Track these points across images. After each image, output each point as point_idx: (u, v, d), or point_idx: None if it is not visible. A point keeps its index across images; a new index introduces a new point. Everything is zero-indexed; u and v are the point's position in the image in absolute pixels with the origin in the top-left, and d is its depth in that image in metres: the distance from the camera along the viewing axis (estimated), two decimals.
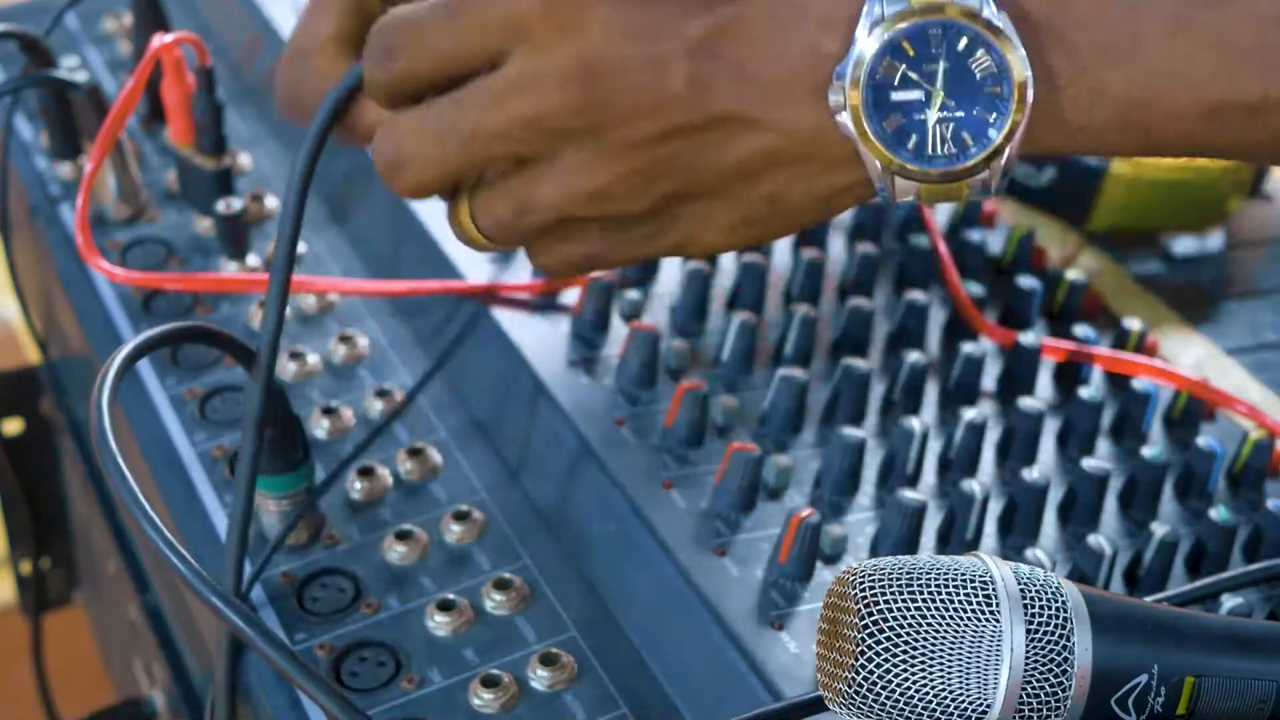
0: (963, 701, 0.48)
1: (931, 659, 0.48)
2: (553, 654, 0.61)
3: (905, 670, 0.48)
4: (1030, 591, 0.49)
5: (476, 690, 0.60)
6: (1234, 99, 0.50)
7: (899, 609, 0.48)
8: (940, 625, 0.48)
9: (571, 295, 0.76)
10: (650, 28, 0.51)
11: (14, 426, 1.13)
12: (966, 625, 0.48)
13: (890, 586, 0.49)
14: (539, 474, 0.69)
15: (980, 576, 0.49)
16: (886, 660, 0.48)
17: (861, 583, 0.49)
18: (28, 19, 0.93)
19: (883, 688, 0.48)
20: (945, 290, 0.80)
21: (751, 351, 0.73)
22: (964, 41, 0.50)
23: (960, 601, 0.48)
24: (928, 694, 0.48)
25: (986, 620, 0.48)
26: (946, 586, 0.49)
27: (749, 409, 0.71)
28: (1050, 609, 0.49)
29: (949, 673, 0.48)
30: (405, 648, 0.62)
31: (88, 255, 0.74)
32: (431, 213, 0.79)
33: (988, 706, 0.48)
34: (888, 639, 0.48)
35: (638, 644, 0.63)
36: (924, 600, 0.48)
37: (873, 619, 0.48)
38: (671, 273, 0.79)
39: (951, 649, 0.48)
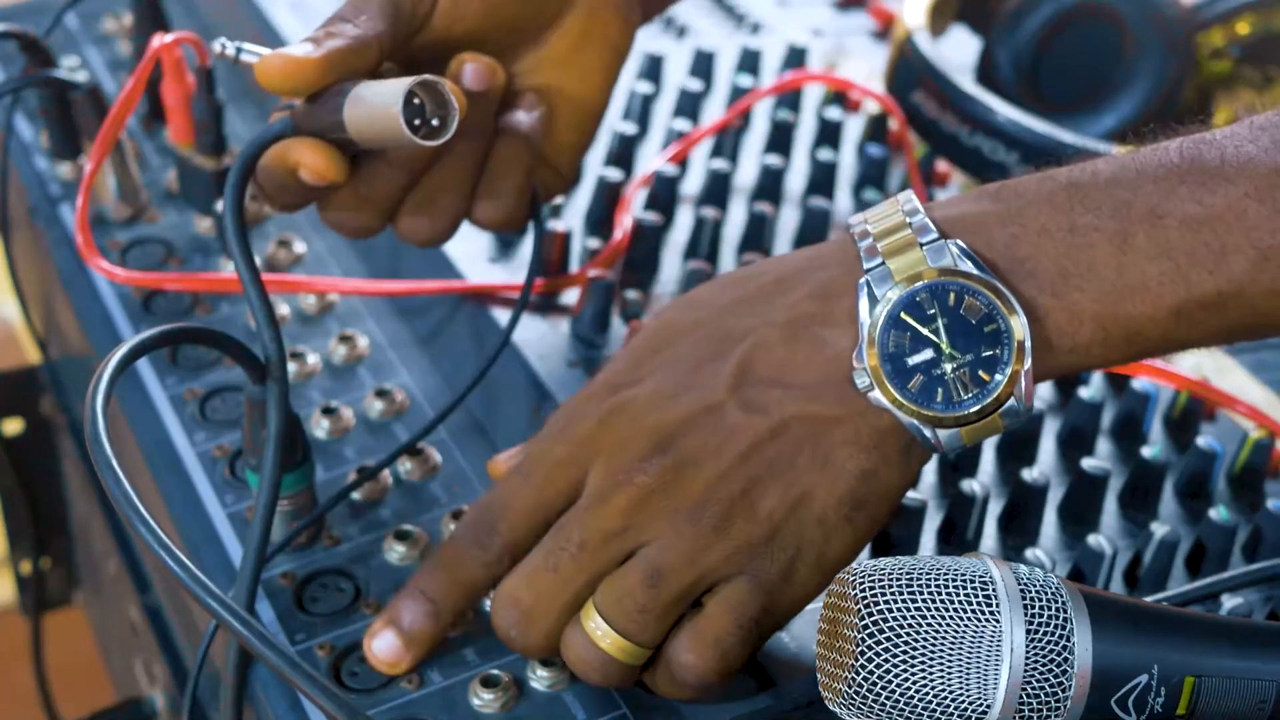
0: (962, 702, 0.48)
1: (931, 660, 0.48)
2: None
3: (905, 671, 0.48)
4: (1030, 592, 0.49)
5: (476, 690, 0.60)
6: (1192, 299, 0.54)
7: (899, 610, 0.48)
8: (940, 626, 0.48)
9: (571, 295, 0.76)
10: (689, 386, 0.58)
11: (14, 426, 1.13)
12: (966, 626, 0.48)
13: (890, 587, 0.49)
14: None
15: (980, 577, 0.49)
16: (886, 661, 0.48)
17: (861, 583, 0.49)
18: (28, 19, 0.93)
19: (882, 688, 0.48)
20: None
21: None
22: (951, 296, 0.55)
23: (960, 602, 0.48)
24: (927, 694, 0.48)
25: (986, 621, 0.48)
26: (946, 587, 0.49)
27: None
28: (1050, 609, 0.49)
29: (949, 673, 0.48)
30: None
31: (88, 255, 0.74)
32: None
33: (988, 707, 0.48)
34: (887, 639, 0.48)
35: None
36: (924, 601, 0.48)
37: (873, 620, 0.48)
38: (671, 273, 0.79)
39: (951, 650, 0.48)
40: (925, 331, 0.55)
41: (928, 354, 0.55)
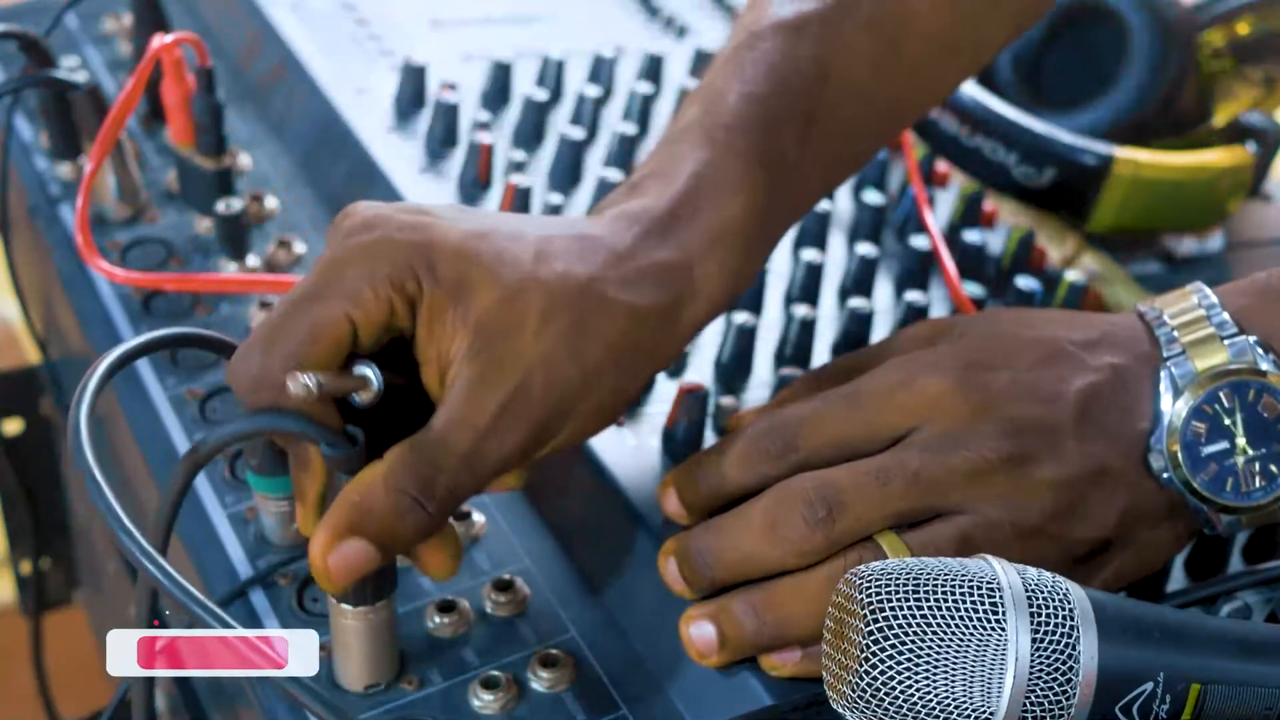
0: (966, 708, 0.48)
1: (935, 666, 0.48)
2: (553, 654, 0.61)
3: (909, 676, 0.48)
4: (1038, 598, 0.49)
5: (476, 691, 0.60)
6: None
7: (904, 614, 0.48)
8: (945, 633, 0.48)
9: None
10: (1040, 395, 0.59)
11: (14, 426, 1.13)
12: (971, 632, 0.48)
13: (896, 591, 0.49)
14: (539, 475, 0.69)
15: (987, 582, 0.49)
16: (890, 666, 0.48)
17: (868, 586, 0.49)
18: (28, 19, 0.93)
19: (886, 693, 0.48)
20: (945, 290, 0.80)
21: (751, 351, 0.73)
22: (1251, 393, 0.59)
23: (966, 608, 0.48)
24: (931, 700, 0.48)
25: (992, 628, 0.48)
26: (953, 592, 0.48)
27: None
28: (1057, 616, 0.48)
29: (952, 680, 0.48)
30: (405, 648, 0.62)
31: (88, 255, 0.74)
32: None
33: (991, 714, 0.48)
34: (891, 645, 0.48)
35: (638, 644, 0.62)
36: (930, 606, 0.48)
37: (877, 624, 0.48)
38: None
39: (956, 656, 0.48)
40: (1225, 424, 0.59)
41: (1222, 445, 0.59)
